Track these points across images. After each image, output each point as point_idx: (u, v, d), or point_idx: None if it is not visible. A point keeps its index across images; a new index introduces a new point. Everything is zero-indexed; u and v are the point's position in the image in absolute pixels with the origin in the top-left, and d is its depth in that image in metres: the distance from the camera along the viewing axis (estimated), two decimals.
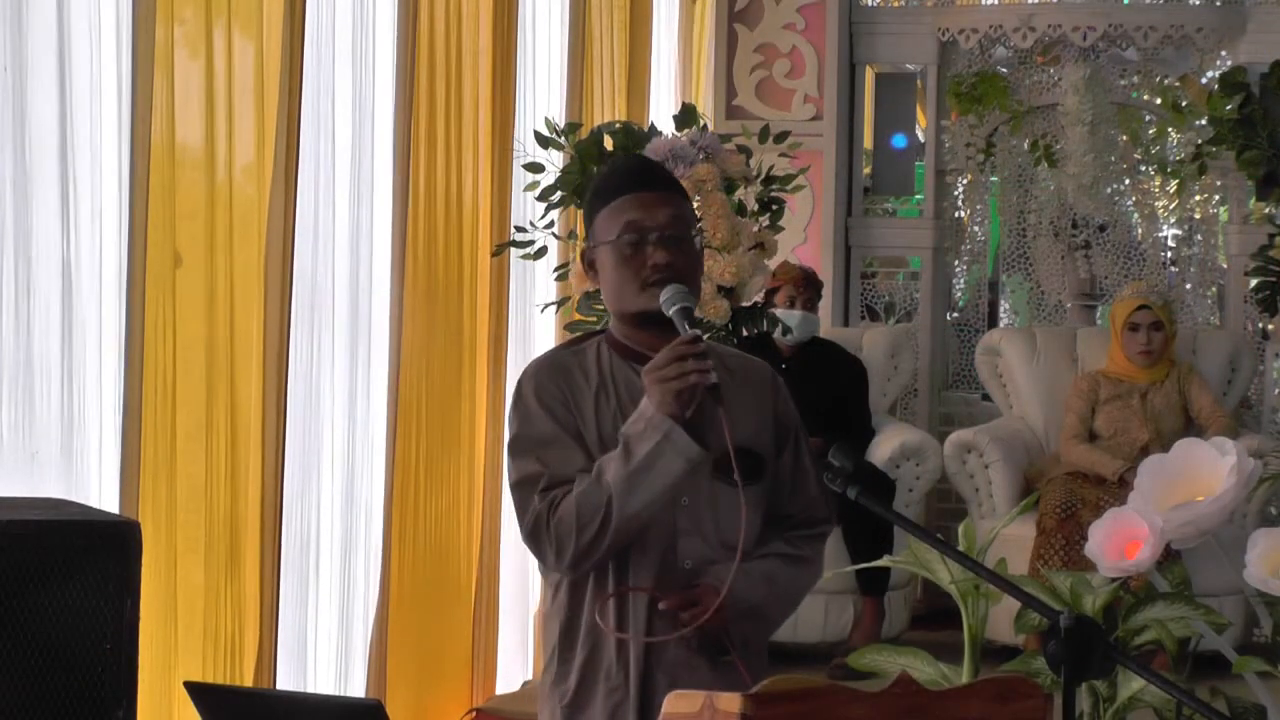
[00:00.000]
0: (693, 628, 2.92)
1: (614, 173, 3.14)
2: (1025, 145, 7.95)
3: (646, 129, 5.35)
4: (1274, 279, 7.12)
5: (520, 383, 3.04)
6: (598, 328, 3.35)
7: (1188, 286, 7.94)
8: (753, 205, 5.28)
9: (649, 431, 2.86)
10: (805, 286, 6.64)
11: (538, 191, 5.19)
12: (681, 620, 2.93)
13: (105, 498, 3.55)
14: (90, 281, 3.54)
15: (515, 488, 2.97)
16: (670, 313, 2.92)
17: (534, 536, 2.94)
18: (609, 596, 2.97)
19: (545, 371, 3.03)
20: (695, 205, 4.41)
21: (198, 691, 2.65)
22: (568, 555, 2.91)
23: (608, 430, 2.97)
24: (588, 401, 3.00)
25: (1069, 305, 7.97)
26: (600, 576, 2.98)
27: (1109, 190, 7.89)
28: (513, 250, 5.32)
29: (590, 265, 3.08)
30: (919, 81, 8.12)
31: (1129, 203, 8.00)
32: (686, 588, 2.96)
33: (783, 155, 5.53)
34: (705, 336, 3.05)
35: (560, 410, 2.98)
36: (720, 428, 2.87)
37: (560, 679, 3.03)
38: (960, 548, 2.67)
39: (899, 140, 8.00)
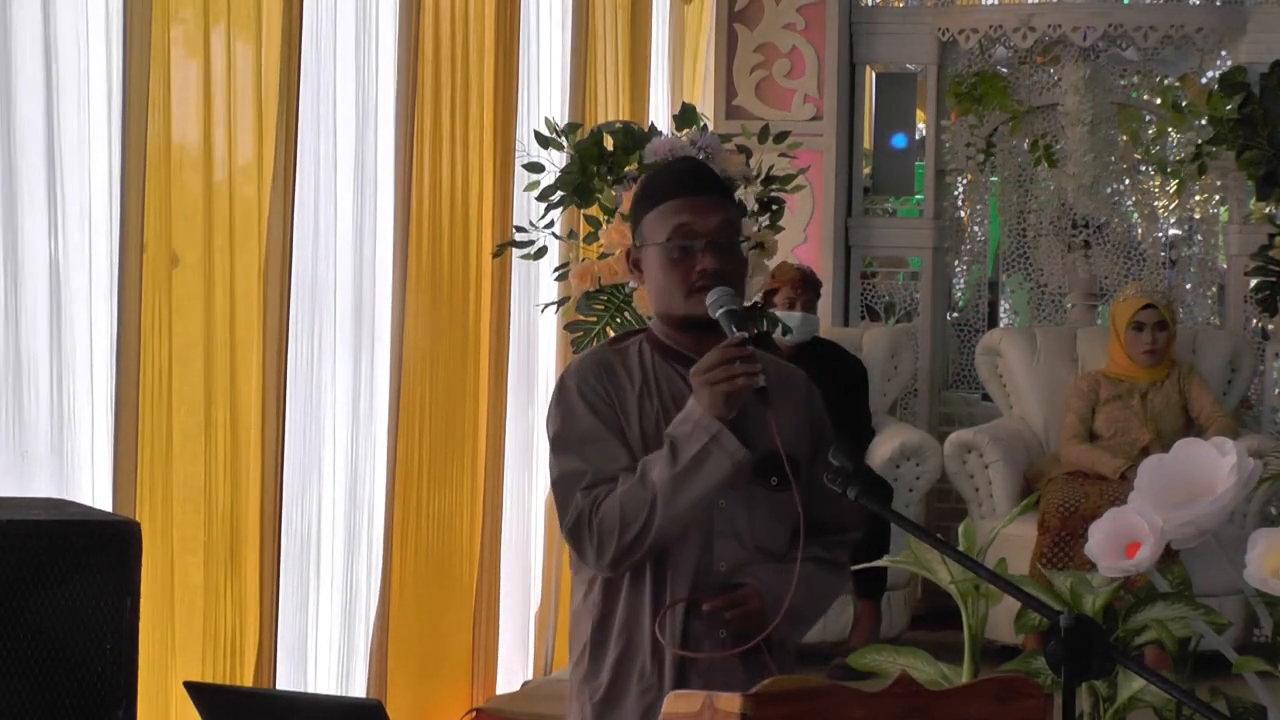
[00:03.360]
0: (752, 644, 2.93)
1: (665, 175, 3.15)
2: (1025, 145, 7.94)
3: (647, 129, 5.34)
4: (1274, 279, 7.12)
5: (564, 379, 3.04)
6: (638, 326, 3.35)
7: (1188, 286, 7.93)
8: (752, 205, 5.27)
9: (696, 433, 2.88)
10: (804, 287, 6.63)
11: (538, 191, 5.19)
12: (726, 620, 2.96)
13: (98, 497, 3.55)
14: (79, 280, 3.53)
15: (557, 483, 2.98)
16: (717, 315, 2.94)
17: (575, 534, 2.95)
18: (666, 609, 2.98)
19: (590, 368, 3.03)
20: None
21: (198, 691, 2.65)
22: (609, 554, 2.93)
23: (650, 429, 2.99)
24: (631, 400, 3.01)
25: (1072, 305, 7.96)
26: (636, 575, 2.99)
27: (1109, 190, 7.88)
28: (514, 250, 5.32)
29: (635, 266, 3.09)
30: (919, 80, 8.12)
31: (1129, 203, 8.00)
32: (724, 589, 2.98)
33: (783, 155, 5.52)
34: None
35: (603, 407, 2.99)
36: (758, 430, 2.91)
37: (592, 675, 3.04)
38: (960, 548, 2.67)
39: (899, 140, 7.99)
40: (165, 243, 3.77)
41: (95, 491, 3.56)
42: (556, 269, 5.40)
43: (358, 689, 4.65)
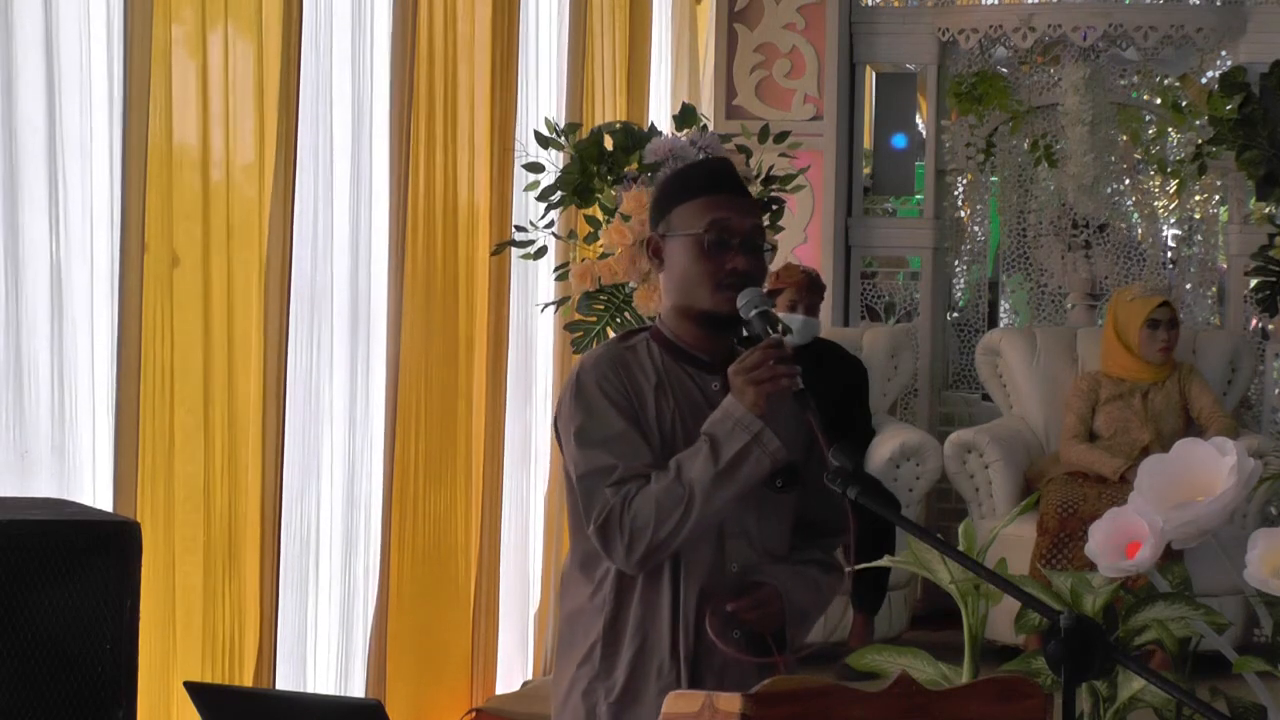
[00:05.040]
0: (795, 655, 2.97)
1: (703, 170, 3.18)
2: (1025, 145, 7.94)
3: (646, 129, 5.34)
4: (1274, 279, 7.12)
5: (580, 375, 3.03)
6: (643, 325, 3.35)
7: (1188, 286, 7.93)
8: None
9: (738, 431, 2.90)
10: (809, 291, 6.61)
11: (538, 191, 5.19)
12: (744, 620, 2.98)
13: (99, 497, 3.55)
14: (81, 280, 3.53)
15: (583, 479, 2.97)
16: (750, 315, 2.96)
17: (604, 530, 2.94)
18: (710, 611, 2.98)
19: (606, 365, 3.04)
20: None
21: (198, 691, 2.65)
22: (639, 551, 2.93)
23: (666, 428, 3.00)
24: (649, 398, 3.02)
25: (1072, 305, 7.95)
26: (653, 573, 3.00)
27: (1109, 190, 7.88)
28: (513, 250, 5.32)
29: (655, 254, 3.08)
30: (919, 79, 8.11)
31: (1129, 203, 7.99)
32: (744, 589, 3.00)
33: (783, 155, 5.52)
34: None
35: (625, 404, 3.00)
36: (779, 431, 2.93)
37: (604, 674, 3.03)
38: (960, 548, 2.67)
39: (899, 140, 7.99)
40: (166, 243, 3.77)
41: (96, 491, 3.56)
42: (556, 269, 5.40)
43: (357, 689, 4.65)
